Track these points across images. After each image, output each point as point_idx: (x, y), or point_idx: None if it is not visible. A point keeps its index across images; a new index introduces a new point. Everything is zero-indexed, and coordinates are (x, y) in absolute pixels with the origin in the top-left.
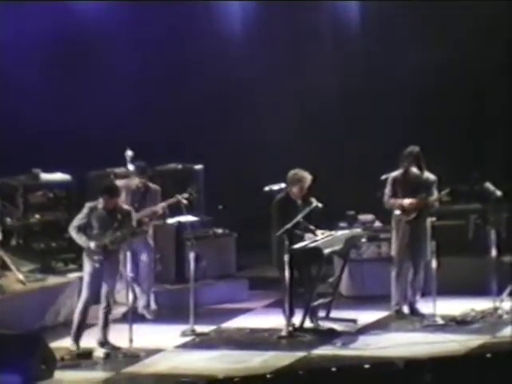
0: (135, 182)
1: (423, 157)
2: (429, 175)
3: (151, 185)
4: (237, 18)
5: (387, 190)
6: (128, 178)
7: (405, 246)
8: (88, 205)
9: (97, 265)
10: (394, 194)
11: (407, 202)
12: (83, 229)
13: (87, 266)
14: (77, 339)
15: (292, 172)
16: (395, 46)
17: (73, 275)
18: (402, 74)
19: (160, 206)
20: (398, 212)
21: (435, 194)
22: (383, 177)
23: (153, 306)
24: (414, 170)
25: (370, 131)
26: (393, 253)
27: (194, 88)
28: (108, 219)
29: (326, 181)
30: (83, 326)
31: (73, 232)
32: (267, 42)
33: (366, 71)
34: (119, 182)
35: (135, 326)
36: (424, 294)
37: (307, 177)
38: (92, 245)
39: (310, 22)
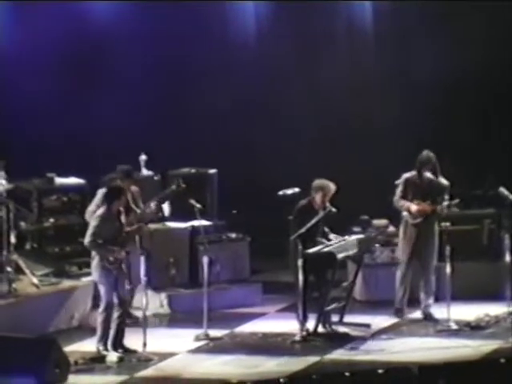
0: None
1: (438, 162)
2: (442, 181)
3: (132, 187)
4: (250, 19)
5: (398, 191)
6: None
7: (412, 248)
8: (98, 213)
9: (114, 272)
10: (405, 195)
11: (415, 208)
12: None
13: (103, 276)
14: (105, 343)
15: (317, 181)
16: (409, 47)
17: (87, 279)
18: (416, 78)
19: (153, 203)
20: (405, 213)
21: (446, 201)
22: (397, 181)
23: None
24: (428, 174)
25: (385, 135)
26: (399, 253)
27: (207, 91)
28: (117, 223)
29: (340, 185)
30: (108, 331)
31: (93, 246)
32: (280, 43)
33: (381, 74)
34: (102, 192)
35: (149, 330)
36: (438, 299)
37: (332, 187)
38: (123, 253)
39: (324, 23)
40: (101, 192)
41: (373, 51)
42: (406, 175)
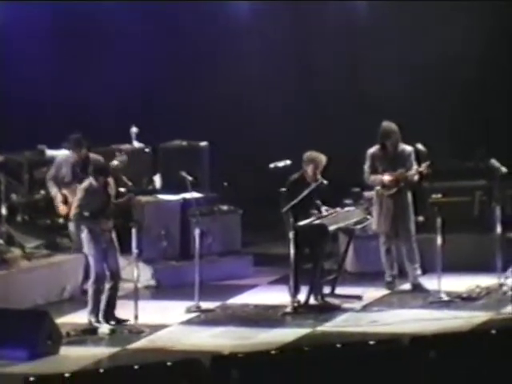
0: (75, 155)
1: (399, 131)
2: (405, 147)
3: (92, 155)
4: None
5: (366, 167)
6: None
7: (391, 219)
8: (83, 187)
9: (104, 244)
10: (374, 170)
11: (387, 178)
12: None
13: (92, 248)
14: (97, 315)
15: (308, 153)
16: (406, 28)
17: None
18: (409, 53)
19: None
20: (378, 187)
21: (414, 166)
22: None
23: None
24: (390, 143)
25: (377, 108)
26: (374, 226)
27: (201, 64)
28: (104, 195)
29: (331, 157)
30: (99, 303)
31: (78, 219)
32: (276, 21)
33: (374, 48)
34: (59, 158)
35: (140, 303)
36: (429, 271)
37: (323, 159)
38: (110, 224)
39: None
40: (62, 155)
41: (369, 28)
42: (371, 150)
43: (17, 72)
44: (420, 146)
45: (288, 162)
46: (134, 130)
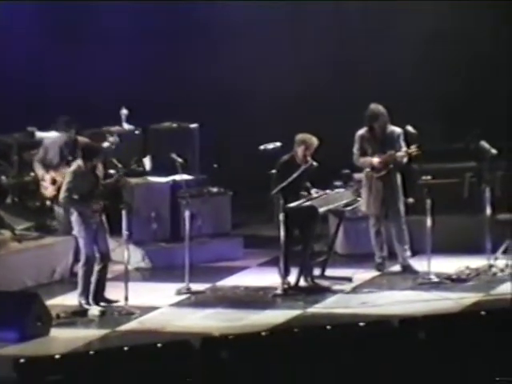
0: (63, 137)
1: (387, 112)
2: (394, 129)
3: (80, 138)
4: None
5: (355, 149)
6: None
7: (381, 201)
8: (71, 170)
9: (94, 226)
10: (364, 152)
11: (377, 160)
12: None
13: (82, 230)
14: (87, 297)
15: (300, 135)
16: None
17: None
18: (401, 31)
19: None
20: (368, 169)
21: (403, 148)
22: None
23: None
24: (378, 125)
25: (369, 89)
26: (363, 208)
27: (192, 46)
28: (92, 177)
29: (321, 139)
30: (89, 285)
31: (67, 202)
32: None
33: (366, 27)
34: (47, 140)
35: (130, 284)
36: (419, 252)
37: (314, 141)
38: (99, 206)
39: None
40: (50, 137)
41: (358, 5)
42: (360, 132)
43: (8, 54)
44: (410, 128)
45: (278, 143)
46: (124, 111)
